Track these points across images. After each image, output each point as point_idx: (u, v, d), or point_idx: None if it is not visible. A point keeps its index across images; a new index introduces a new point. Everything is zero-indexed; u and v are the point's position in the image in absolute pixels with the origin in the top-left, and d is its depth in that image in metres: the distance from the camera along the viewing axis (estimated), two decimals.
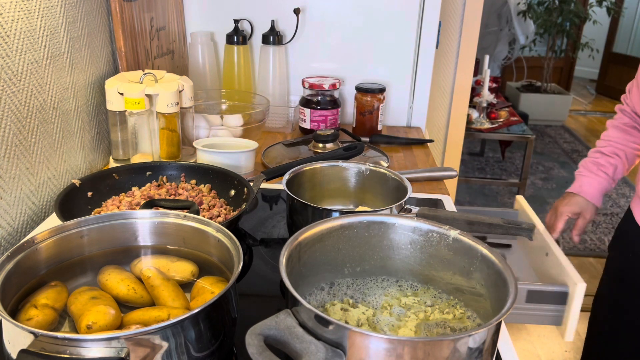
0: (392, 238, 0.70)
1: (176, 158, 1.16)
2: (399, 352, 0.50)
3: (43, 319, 0.61)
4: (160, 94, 1.09)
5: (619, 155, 1.20)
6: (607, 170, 1.21)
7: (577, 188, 1.24)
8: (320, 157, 1.02)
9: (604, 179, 1.21)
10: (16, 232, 0.92)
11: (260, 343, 0.51)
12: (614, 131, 1.22)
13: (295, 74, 1.61)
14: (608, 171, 1.20)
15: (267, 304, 0.81)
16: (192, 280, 0.71)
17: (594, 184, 1.21)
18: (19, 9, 0.90)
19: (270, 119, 1.51)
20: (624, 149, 1.20)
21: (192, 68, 1.58)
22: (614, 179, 1.22)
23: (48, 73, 0.99)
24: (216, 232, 0.71)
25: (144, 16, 1.31)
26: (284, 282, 0.56)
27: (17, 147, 0.91)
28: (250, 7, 1.56)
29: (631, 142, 1.20)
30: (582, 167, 1.26)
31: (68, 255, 0.71)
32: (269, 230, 1.00)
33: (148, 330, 0.53)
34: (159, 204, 0.83)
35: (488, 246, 0.64)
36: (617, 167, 1.20)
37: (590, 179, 1.22)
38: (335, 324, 0.51)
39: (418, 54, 1.59)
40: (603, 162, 1.21)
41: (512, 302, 0.55)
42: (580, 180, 1.24)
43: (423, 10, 1.54)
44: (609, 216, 3.42)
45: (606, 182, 1.21)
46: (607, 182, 1.21)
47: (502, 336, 0.71)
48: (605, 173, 1.21)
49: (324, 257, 0.68)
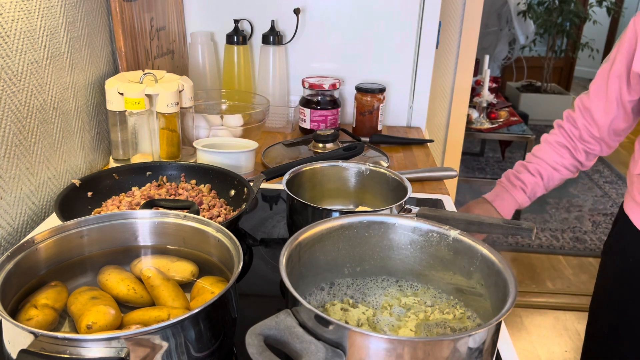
0: (392, 238, 0.70)
1: (176, 158, 1.16)
2: (399, 352, 0.50)
3: (43, 319, 0.61)
4: (160, 94, 1.09)
5: (542, 175, 1.19)
6: (525, 189, 1.20)
7: (492, 197, 1.22)
8: (320, 157, 1.02)
9: (520, 196, 1.20)
10: (16, 232, 0.92)
11: (260, 343, 0.51)
12: (545, 148, 1.20)
13: (295, 74, 1.61)
14: (526, 189, 1.20)
15: (267, 304, 0.81)
16: (192, 280, 0.71)
17: (508, 199, 1.21)
18: (19, 9, 0.90)
19: (270, 119, 1.51)
20: (548, 170, 1.19)
21: (192, 68, 1.58)
22: (530, 198, 1.21)
23: (48, 73, 0.99)
24: (216, 232, 0.71)
25: (144, 16, 1.31)
26: (284, 282, 0.56)
27: (17, 147, 0.91)
28: (250, 7, 1.56)
29: (558, 163, 1.19)
30: (504, 177, 1.24)
31: (68, 255, 0.71)
32: (269, 230, 1.00)
33: (148, 330, 0.53)
34: (159, 204, 0.83)
35: (488, 246, 0.64)
36: (537, 187, 1.20)
37: (508, 193, 1.21)
38: (335, 324, 0.51)
39: (418, 54, 1.59)
40: (524, 178, 1.20)
41: (512, 302, 0.55)
42: (498, 191, 1.22)
43: (423, 10, 1.54)
44: (609, 216, 3.42)
45: (521, 199, 1.20)
46: (522, 199, 1.20)
47: (502, 336, 0.71)
48: (524, 191, 1.20)
49: (324, 257, 0.68)
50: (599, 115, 1.12)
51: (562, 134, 1.19)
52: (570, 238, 3.16)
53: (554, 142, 1.20)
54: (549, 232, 3.21)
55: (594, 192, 3.77)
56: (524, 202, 1.21)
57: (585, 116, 1.15)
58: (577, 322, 2.47)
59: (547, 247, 3.06)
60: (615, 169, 4.16)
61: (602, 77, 1.11)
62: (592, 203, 3.61)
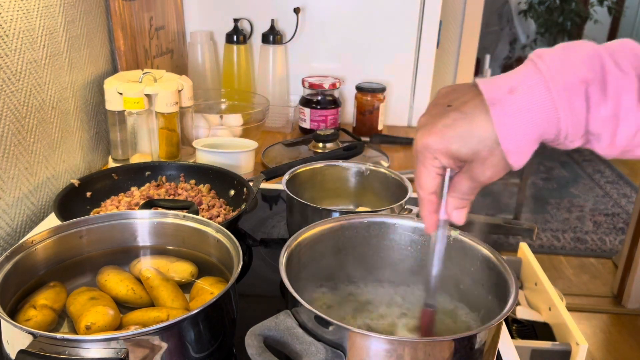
0: (392, 238, 0.70)
1: (175, 158, 1.16)
2: (399, 352, 0.50)
3: (42, 319, 0.61)
4: (159, 94, 1.08)
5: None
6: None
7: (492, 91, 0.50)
8: (320, 157, 1.02)
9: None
10: (15, 233, 0.92)
11: (260, 344, 0.51)
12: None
13: (295, 74, 1.61)
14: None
15: (267, 304, 0.80)
16: (191, 281, 0.70)
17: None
18: (18, 9, 0.89)
19: (270, 119, 1.51)
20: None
21: (191, 67, 1.58)
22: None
23: (47, 72, 0.99)
24: (216, 232, 0.71)
25: (143, 15, 1.30)
26: (284, 283, 0.56)
27: (15, 147, 0.91)
28: (250, 7, 1.56)
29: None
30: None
31: (67, 255, 0.71)
32: (268, 231, 0.99)
33: (147, 331, 0.53)
34: (158, 204, 0.82)
35: (489, 246, 0.64)
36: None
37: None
38: (336, 325, 0.51)
39: (419, 54, 1.59)
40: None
41: (512, 302, 0.55)
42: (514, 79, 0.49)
43: (423, 9, 1.54)
44: (610, 216, 3.42)
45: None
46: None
47: (503, 336, 0.71)
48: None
49: (324, 258, 0.68)
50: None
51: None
52: (571, 238, 3.15)
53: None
54: (549, 232, 3.21)
55: (595, 192, 3.76)
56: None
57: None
58: (578, 322, 2.47)
59: (548, 248, 3.05)
60: (617, 169, 4.16)
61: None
62: (594, 203, 3.61)
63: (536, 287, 1.31)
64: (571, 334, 1.09)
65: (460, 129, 0.48)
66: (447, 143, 0.49)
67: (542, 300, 1.26)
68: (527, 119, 0.46)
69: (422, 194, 0.52)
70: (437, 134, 0.49)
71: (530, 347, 1.10)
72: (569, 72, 0.46)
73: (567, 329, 1.11)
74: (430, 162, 0.50)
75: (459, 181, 0.52)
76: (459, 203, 0.53)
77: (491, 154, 0.48)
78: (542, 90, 0.46)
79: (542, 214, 3.43)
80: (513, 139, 0.47)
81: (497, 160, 0.49)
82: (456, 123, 0.49)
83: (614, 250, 3.03)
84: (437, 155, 0.50)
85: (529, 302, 1.36)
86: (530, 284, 1.36)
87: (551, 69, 0.46)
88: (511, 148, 0.47)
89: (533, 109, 0.46)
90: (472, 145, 0.48)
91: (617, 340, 2.36)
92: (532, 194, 3.67)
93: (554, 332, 1.19)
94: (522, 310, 1.29)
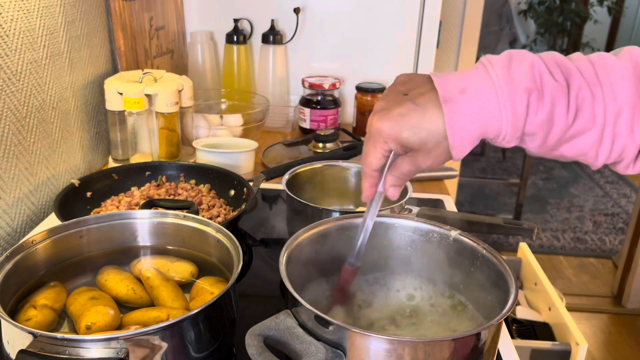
0: (392, 238, 0.70)
1: (175, 158, 1.16)
2: (399, 352, 0.50)
3: (42, 319, 0.61)
4: (159, 94, 1.08)
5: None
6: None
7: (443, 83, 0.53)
8: (320, 157, 1.02)
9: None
10: (15, 232, 0.92)
11: (260, 344, 0.51)
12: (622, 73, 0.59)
13: (295, 74, 1.61)
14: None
15: (267, 304, 0.80)
16: (191, 281, 0.70)
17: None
18: (18, 8, 0.89)
19: (270, 119, 1.51)
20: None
21: (191, 67, 1.58)
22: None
23: (47, 72, 0.99)
24: (216, 232, 0.71)
25: (143, 15, 1.30)
26: (284, 282, 0.56)
27: (16, 147, 0.91)
28: (250, 7, 1.56)
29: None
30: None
31: (67, 255, 0.71)
32: (269, 230, 1.00)
33: (147, 331, 0.53)
34: (159, 204, 0.82)
35: (489, 247, 0.64)
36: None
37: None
38: (336, 325, 0.51)
39: (418, 54, 1.59)
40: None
41: (512, 302, 0.55)
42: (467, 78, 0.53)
43: (423, 9, 1.54)
44: (610, 216, 3.42)
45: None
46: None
47: (503, 336, 0.71)
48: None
49: (324, 258, 0.68)
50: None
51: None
52: (571, 238, 3.15)
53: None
54: (549, 232, 3.21)
55: (595, 192, 3.76)
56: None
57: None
58: (578, 322, 2.47)
59: (548, 248, 3.05)
60: None
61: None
62: (593, 203, 3.61)
63: (536, 287, 1.31)
64: (571, 334, 1.09)
65: (412, 120, 0.52)
66: (399, 131, 0.53)
67: (542, 300, 1.26)
68: (474, 119, 0.51)
69: (366, 169, 0.58)
70: (391, 121, 0.53)
71: (530, 347, 1.10)
72: (515, 81, 0.51)
73: (567, 329, 1.11)
74: (380, 144, 0.55)
75: (401, 163, 0.56)
76: (396, 181, 0.58)
77: (437, 146, 0.53)
78: (490, 95, 0.51)
79: (542, 214, 3.43)
80: (459, 135, 0.52)
81: (440, 152, 0.54)
82: (410, 114, 0.53)
83: (613, 250, 3.03)
84: (387, 140, 0.54)
85: (529, 302, 1.36)
86: (530, 284, 1.36)
87: (499, 77, 0.51)
88: (456, 143, 0.52)
89: (480, 110, 0.51)
90: (422, 136, 0.53)
91: (617, 340, 2.36)
92: (532, 194, 3.67)
93: (554, 332, 1.19)
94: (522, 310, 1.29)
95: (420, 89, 0.54)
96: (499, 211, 3.40)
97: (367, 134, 0.57)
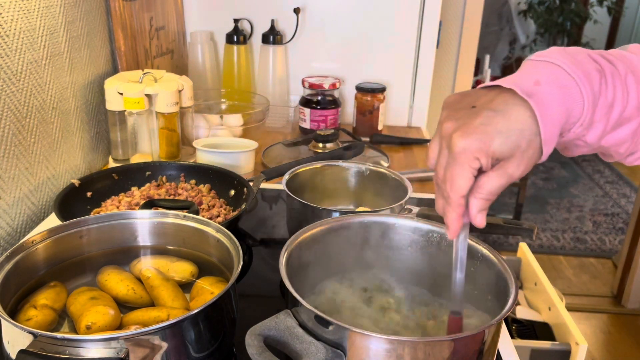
0: (392, 238, 0.70)
1: (176, 158, 1.16)
2: (399, 352, 0.50)
3: (42, 319, 0.61)
4: (159, 94, 1.08)
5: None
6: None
7: (526, 86, 0.50)
8: (320, 157, 1.02)
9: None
10: (15, 232, 0.92)
11: (260, 344, 0.51)
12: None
13: (295, 74, 1.61)
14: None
15: (267, 304, 0.80)
16: (191, 281, 0.70)
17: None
18: (19, 9, 0.89)
19: (270, 119, 1.51)
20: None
21: (191, 68, 1.58)
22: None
23: (47, 73, 0.99)
24: (216, 232, 0.71)
25: (143, 16, 1.30)
26: (284, 282, 0.56)
27: (16, 147, 0.91)
28: (250, 7, 1.56)
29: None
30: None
31: (67, 255, 0.71)
32: (269, 230, 1.00)
33: (147, 331, 0.53)
34: (159, 204, 0.82)
35: (488, 246, 0.64)
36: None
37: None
38: (336, 325, 0.51)
39: (418, 54, 1.59)
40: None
41: (512, 302, 0.55)
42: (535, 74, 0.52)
43: (423, 9, 1.54)
44: (610, 216, 3.42)
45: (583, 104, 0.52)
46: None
47: (503, 336, 0.71)
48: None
49: (324, 257, 0.68)
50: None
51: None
52: (571, 238, 3.15)
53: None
54: (549, 232, 3.21)
55: (594, 192, 3.76)
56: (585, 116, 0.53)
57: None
58: (578, 322, 2.47)
59: (548, 248, 3.05)
60: (616, 169, 4.16)
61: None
62: (593, 203, 3.61)
63: (536, 287, 1.31)
64: (571, 334, 1.09)
65: (499, 125, 0.48)
66: (488, 141, 0.48)
67: (542, 300, 1.26)
68: (560, 104, 0.49)
69: (454, 197, 0.50)
70: (477, 133, 0.48)
71: (530, 347, 1.10)
72: (582, 64, 0.51)
73: (567, 329, 1.11)
74: (469, 163, 0.48)
75: (487, 181, 0.49)
76: (483, 204, 0.51)
77: (529, 145, 0.49)
78: (567, 79, 0.50)
79: (542, 214, 3.43)
80: (550, 127, 0.49)
81: (532, 152, 0.49)
82: (493, 120, 0.48)
83: (613, 250, 3.03)
84: (478, 155, 0.48)
85: (529, 302, 1.36)
86: (530, 284, 1.36)
87: (567, 63, 0.50)
88: (547, 136, 0.49)
89: (563, 95, 0.49)
90: (514, 140, 0.48)
91: (616, 340, 2.36)
92: (532, 194, 3.67)
93: (554, 332, 1.19)
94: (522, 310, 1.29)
95: (485, 97, 0.50)
96: (498, 211, 3.40)
97: (442, 158, 0.50)
